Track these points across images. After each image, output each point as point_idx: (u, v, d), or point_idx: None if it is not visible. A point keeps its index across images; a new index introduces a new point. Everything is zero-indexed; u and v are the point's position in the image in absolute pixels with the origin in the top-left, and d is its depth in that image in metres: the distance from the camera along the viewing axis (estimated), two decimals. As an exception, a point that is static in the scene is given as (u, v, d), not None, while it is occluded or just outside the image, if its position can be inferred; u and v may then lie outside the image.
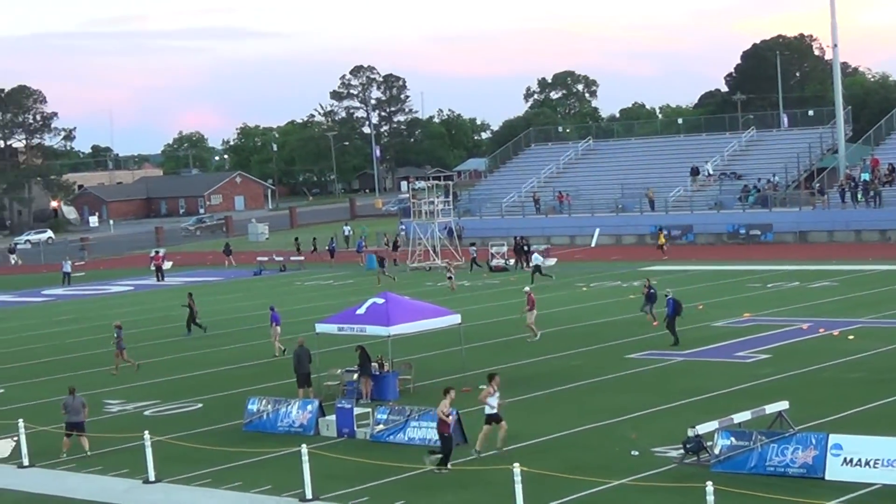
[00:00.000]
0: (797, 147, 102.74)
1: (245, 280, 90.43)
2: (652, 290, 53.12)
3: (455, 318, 41.57)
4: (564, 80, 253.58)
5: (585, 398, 37.68)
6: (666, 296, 48.84)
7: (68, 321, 70.54)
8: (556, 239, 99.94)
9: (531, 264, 76.60)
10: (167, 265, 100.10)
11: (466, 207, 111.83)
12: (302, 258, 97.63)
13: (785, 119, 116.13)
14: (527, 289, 53.50)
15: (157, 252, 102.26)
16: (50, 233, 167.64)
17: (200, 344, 56.59)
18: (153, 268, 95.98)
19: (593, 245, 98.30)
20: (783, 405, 31.00)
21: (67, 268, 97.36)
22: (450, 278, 73.07)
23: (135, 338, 60.18)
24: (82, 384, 44.42)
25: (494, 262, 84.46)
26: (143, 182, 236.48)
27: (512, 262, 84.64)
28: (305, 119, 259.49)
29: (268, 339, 52.89)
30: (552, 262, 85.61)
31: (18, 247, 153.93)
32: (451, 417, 30.40)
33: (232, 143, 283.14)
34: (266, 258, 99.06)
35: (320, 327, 41.36)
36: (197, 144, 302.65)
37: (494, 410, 31.12)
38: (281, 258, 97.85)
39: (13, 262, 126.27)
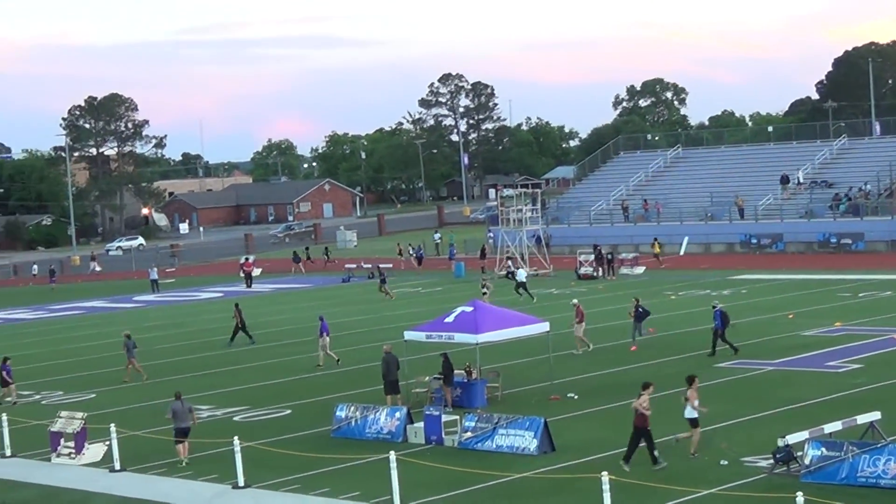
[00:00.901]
0: (889, 155, 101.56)
1: (333, 287, 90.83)
2: (640, 310, 51.62)
3: (543, 326, 41.48)
4: (653, 87, 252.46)
5: (675, 407, 37.44)
6: (713, 307, 48.35)
7: (157, 327, 71.26)
8: (645, 247, 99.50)
9: (516, 279, 75.11)
10: (256, 272, 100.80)
11: (554, 215, 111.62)
12: (392, 265, 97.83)
13: (877, 126, 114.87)
14: (574, 301, 52.67)
15: (246, 259, 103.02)
16: (141, 239, 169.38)
17: (287, 350, 56.92)
18: (242, 274, 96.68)
19: (682, 253, 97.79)
20: (875, 415, 30.64)
21: (154, 275, 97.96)
22: (485, 294, 66.55)
23: (223, 344, 60.62)
24: (172, 390, 45.05)
25: (583, 271, 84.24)
26: (233, 189, 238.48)
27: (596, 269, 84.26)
28: (394, 126, 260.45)
29: (351, 346, 53.06)
30: (640, 270, 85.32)
31: (110, 253, 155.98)
32: (649, 412, 30.29)
33: (321, 150, 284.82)
34: (354, 265, 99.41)
35: (409, 335, 41.45)
36: (286, 152, 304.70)
37: (696, 415, 31.05)
38: (369, 265, 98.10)
39: (92, 269, 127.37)
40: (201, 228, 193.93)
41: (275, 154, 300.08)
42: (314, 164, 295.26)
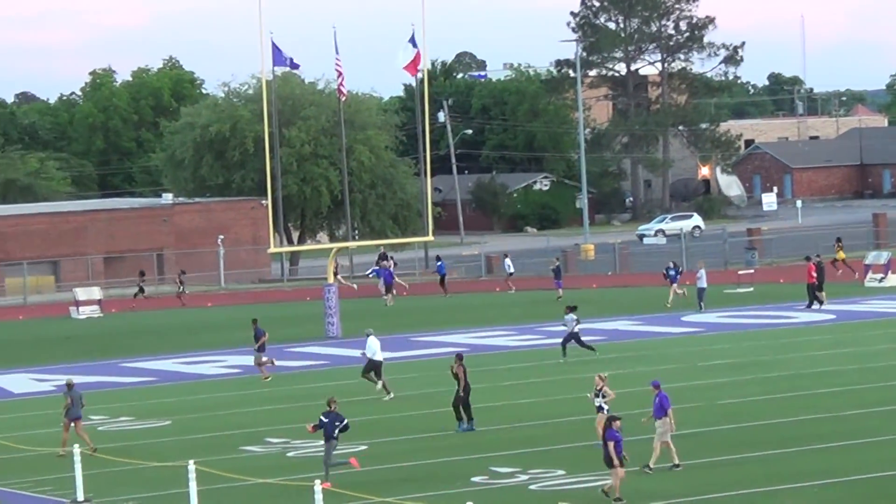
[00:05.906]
0: None
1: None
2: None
3: None
4: None
5: None
6: None
7: (729, 368, 70.68)
8: None
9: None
10: (882, 279, 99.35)
11: None
12: None
13: None
14: None
15: (814, 258, 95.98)
16: (697, 219, 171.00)
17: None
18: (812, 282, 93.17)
19: None
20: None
21: (703, 281, 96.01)
22: None
23: (813, 403, 60.31)
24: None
25: None
26: (855, 137, 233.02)
27: None
28: None
29: None
30: None
31: (645, 240, 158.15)
32: None
33: None
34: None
35: None
36: None
37: None
38: None
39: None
40: (798, 202, 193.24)
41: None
42: None
